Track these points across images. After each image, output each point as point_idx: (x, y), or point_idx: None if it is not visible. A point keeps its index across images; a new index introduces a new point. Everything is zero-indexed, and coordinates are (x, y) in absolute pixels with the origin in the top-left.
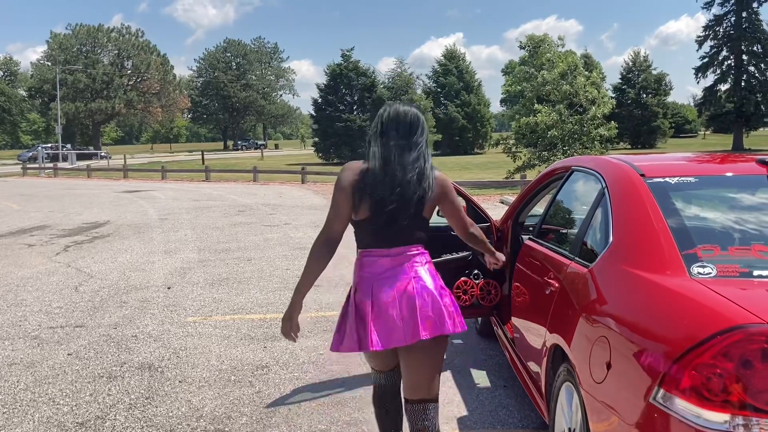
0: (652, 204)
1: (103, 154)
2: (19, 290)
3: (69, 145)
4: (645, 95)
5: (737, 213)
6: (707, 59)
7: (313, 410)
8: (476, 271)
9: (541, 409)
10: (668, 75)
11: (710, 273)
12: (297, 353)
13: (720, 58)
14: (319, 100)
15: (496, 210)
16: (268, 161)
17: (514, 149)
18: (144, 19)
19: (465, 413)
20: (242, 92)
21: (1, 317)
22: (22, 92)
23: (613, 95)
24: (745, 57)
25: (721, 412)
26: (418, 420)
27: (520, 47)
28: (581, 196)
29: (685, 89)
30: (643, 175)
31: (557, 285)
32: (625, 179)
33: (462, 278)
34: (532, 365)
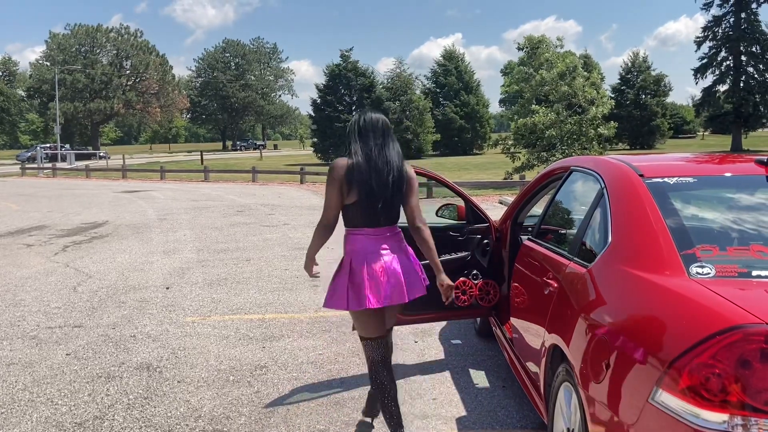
0: (651, 204)
1: (101, 154)
2: (17, 290)
3: (68, 145)
4: (644, 96)
5: (736, 213)
6: (706, 60)
7: (311, 410)
8: (475, 272)
9: (540, 410)
10: (667, 76)
11: (709, 273)
12: (296, 353)
13: (719, 58)
14: (318, 101)
15: (495, 210)
16: (267, 161)
17: (512, 150)
18: (143, 20)
19: (464, 413)
20: (241, 92)
21: (0, 317)
22: (21, 92)
23: (612, 96)
24: (743, 58)
25: (719, 412)
26: (388, 342)
27: (518, 49)
28: (580, 196)
29: (684, 90)
30: (642, 176)
31: (556, 285)
32: (624, 179)
33: (461, 278)
34: (531, 365)
